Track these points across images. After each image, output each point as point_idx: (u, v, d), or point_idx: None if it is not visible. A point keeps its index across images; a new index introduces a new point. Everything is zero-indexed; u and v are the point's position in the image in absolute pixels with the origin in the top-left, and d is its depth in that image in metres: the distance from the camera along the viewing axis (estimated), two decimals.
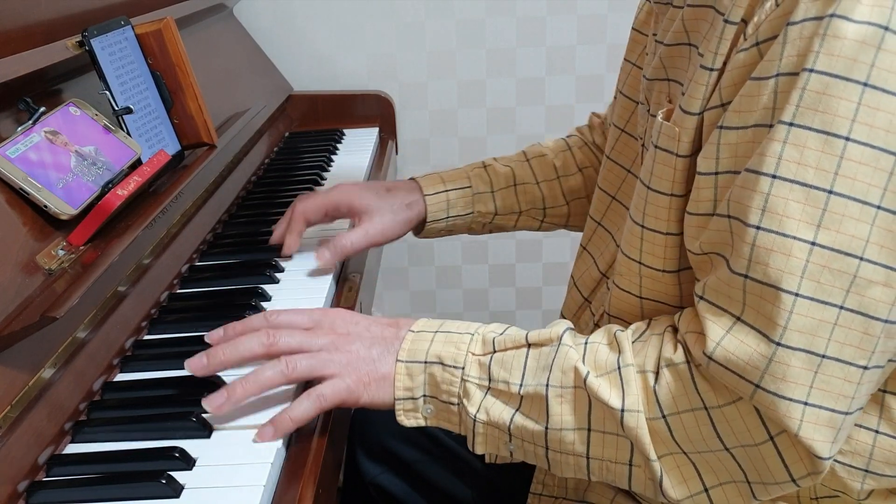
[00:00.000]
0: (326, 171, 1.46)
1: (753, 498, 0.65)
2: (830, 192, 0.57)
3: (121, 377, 0.81)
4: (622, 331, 0.70)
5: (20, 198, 0.77)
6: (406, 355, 0.73)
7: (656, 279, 0.73)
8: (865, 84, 0.56)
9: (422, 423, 0.73)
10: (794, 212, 0.58)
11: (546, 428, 0.68)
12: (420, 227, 1.05)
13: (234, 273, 1.01)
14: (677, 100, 0.71)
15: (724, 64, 0.64)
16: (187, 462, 0.67)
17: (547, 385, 0.68)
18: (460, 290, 2.03)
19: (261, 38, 1.75)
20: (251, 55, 1.65)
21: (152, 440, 0.70)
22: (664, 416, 0.64)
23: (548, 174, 1.07)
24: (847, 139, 0.57)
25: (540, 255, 2.00)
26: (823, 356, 0.59)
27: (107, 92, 0.95)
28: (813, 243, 0.58)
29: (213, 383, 0.76)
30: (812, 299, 0.58)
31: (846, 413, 0.60)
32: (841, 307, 0.58)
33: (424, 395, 0.72)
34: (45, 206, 0.78)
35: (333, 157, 1.54)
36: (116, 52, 0.98)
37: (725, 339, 0.61)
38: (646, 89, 0.79)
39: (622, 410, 0.65)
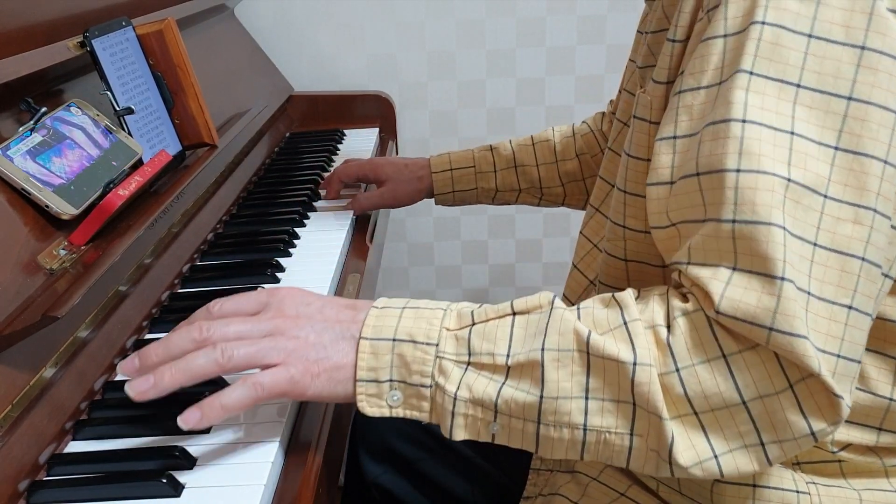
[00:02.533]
0: (327, 171, 1.46)
1: (767, 462, 0.61)
2: (792, 133, 0.60)
3: (122, 377, 0.81)
4: (621, 292, 0.67)
5: (22, 198, 0.77)
6: (371, 332, 0.65)
7: (639, 241, 0.77)
8: (810, 35, 0.61)
9: (385, 412, 0.65)
10: (767, 151, 0.60)
11: (541, 397, 0.62)
12: (430, 196, 1.24)
13: (234, 273, 1.01)
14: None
15: (688, 37, 0.69)
16: (188, 461, 0.67)
17: (542, 350, 0.63)
18: (460, 290, 2.03)
19: (261, 38, 1.76)
20: (252, 55, 1.65)
21: (152, 439, 0.70)
22: (678, 370, 0.60)
23: (547, 158, 1.20)
24: (798, 86, 0.61)
25: (540, 256, 2.00)
26: (809, 293, 0.59)
27: (108, 92, 0.95)
28: (788, 179, 0.60)
29: (213, 382, 0.77)
30: (792, 234, 0.59)
31: (838, 355, 0.59)
32: (814, 244, 0.59)
33: (391, 380, 0.65)
34: (47, 206, 0.78)
35: (334, 157, 1.54)
36: (118, 53, 0.98)
37: (728, 290, 0.59)
38: (639, 77, 0.82)
39: (634, 364, 0.60)
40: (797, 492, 0.73)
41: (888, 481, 0.75)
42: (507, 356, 0.64)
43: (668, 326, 0.62)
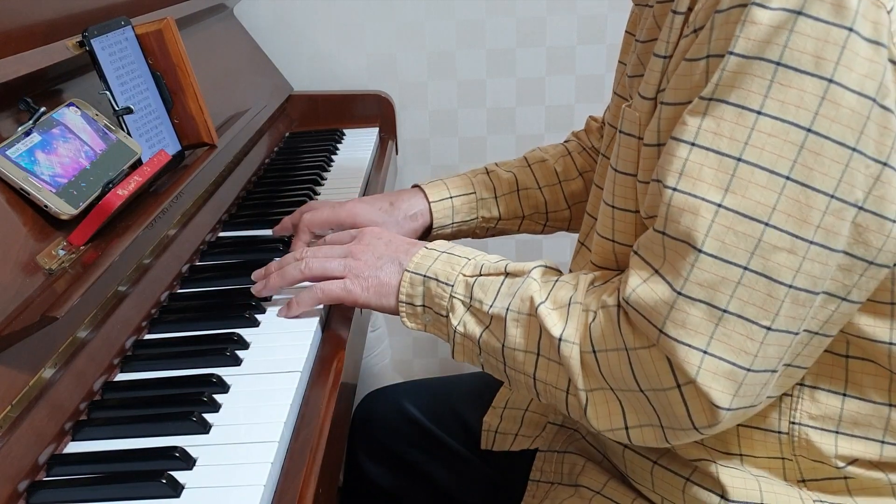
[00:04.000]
0: (326, 171, 1.46)
1: (666, 441, 0.69)
2: (739, 159, 0.62)
3: (121, 377, 0.81)
4: (587, 274, 0.77)
5: (21, 198, 0.77)
6: (413, 267, 0.83)
7: (628, 254, 0.76)
8: (778, 63, 0.61)
9: (422, 328, 0.83)
10: (706, 176, 0.63)
11: (503, 346, 0.76)
12: (425, 235, 1.07)
13: (234, 273, 1.01)
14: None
15: (674, 53, 0.70)
16: (187, 462, 0.67)
17: (507, 309, 0.76)
18: None
19: (261, 38, 1.75)
20: (251, 55, 1.65)
21: (153, 440, 0.70)
22: (594, 351, 0.70)
23: (550, 179, 1.10)
24: (759, 113, 0.62)
25: (540, 256, 2.00)
26: (725, 311, 0.63)
27: (107, 92, 0.95)
28: (719, 205, 0.63)
29: (213, 382, 0.77)
30: (715, 257, 0.63)
31: (748, 369, 0.64)
32: (745, 268, 0.63)
33: (423, 305, 0.82)
34: (46, 206, 0.78)
35: (333, 157, 1.54)
36: (117, 53, 0.98)
37: (640, 287, 0.67)
38: (628, 86, 0.82)
39: (560, 339, 0.71)
40: None
41: (895, 500, 0.74)
42: (491, 307, 0.77)
43: (596, 313, 0.71)
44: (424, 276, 0.82)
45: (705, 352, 0.64)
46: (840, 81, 0.60)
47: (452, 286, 0.80)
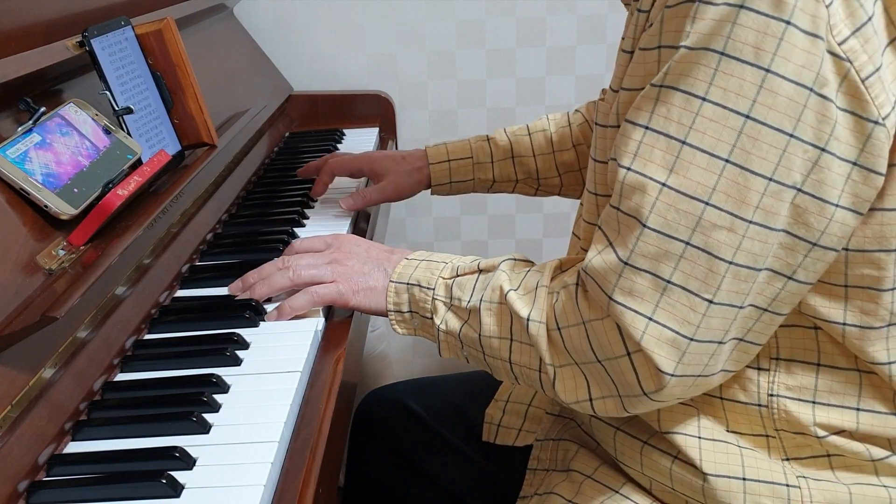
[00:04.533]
0: None
1: (625, 410, 0.74)
2: (684, 142, 0.67)
3: (121, 377, 0.81)
4: (554, 261, 0.83)
5: (20, 198, 0.77)
6: (396, 276, 0.89)
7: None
8: (722, 53, 0.65)
9: (412, 332, 0.89)
10: (656, 158, 0.68)
11: (479, 335, 0.81)
12: (429, 187, 1.24)
13: (234, 273, 1.01)
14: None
15: (635, 46, 0.74)
16: (187, 462, 0.67)
17: (481, 301, 0.82)
18: None
19: (261, 38, 1.75)
20: (251, 55, 1.65)
21: (152, 440, 0.70)
22: (559, 328, 0.75)
23: (544, 148, 1.21)
24: (703, 99, 0.66)
25: (540, 256, 2.00)
26: (669, 282, 0.68)
27: (107, 92, 0.95)
28: (663, 184, 0.67)
29: (212, 382, 0.77)
30: (658, 232, 0.68)
31: (690, 338, 0.68)
32: (687, 243, 0.67)
33: (410, 311, 0.88)
34: (46, 206, 0.78)
35: None
36: (117, 53, 0.98)
37: (595, 257, 0.72)
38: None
39: (527, 319, 0.77)
40: (787, 485, 0.75)
41: (877, 477, 0.76)
42: (468, 302, 0.83)
43: (558, 294, 0.77)
44: (408, 283, 0.88)
45: (650, 318, 0.68)
46: (777, 71, 0.64)
47: (433, 289, 0.86)
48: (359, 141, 1.66)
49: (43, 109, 0.84)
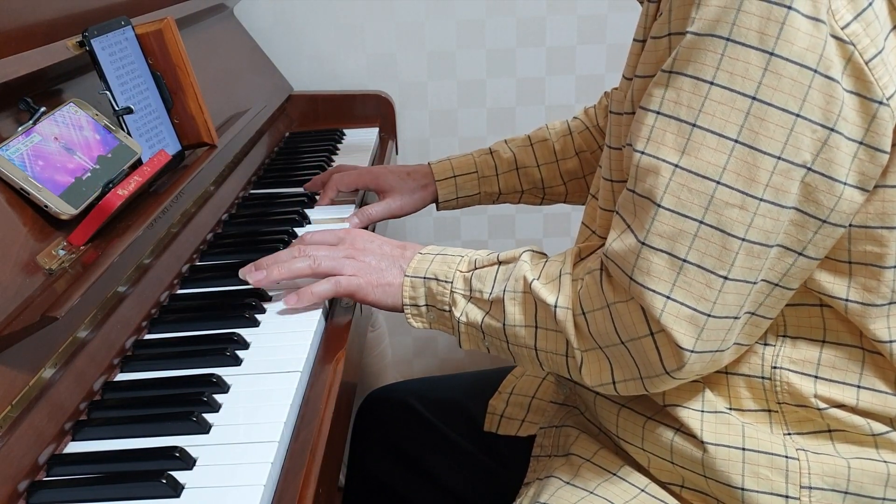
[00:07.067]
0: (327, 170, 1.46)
1: (645, 390, 0.77)
2: (694, 125, 0.70)
3: (121, 377, 0.81)
4: (573, 248, 0.85)
5: (21, 198, 0.77)
6: (412, 271, 0.90)
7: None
8: (728, 39, 0.68)
9: (427, 326, 0.90)
10: (668, 141, 0.71)
11: (503, 325, 0.83)
12: (435, 202, 1.25)
13: (234, 273, 1.01)
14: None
15: (647, 35, 0.77)
16: (187, 462, 0.67)
17: (504, 290, 0.83)
18: None
19: (261, 38, 1.75)
20: (251, 55, 1.65)
21: (152, 440, 0.70)
22: (584, 314, 0.78)
23: (548, 158, 1.22)
24: (711, 83, 0.69)
25: None
26: (685, 261, 0.70)
27: (107, 92, 0.95)
28: (676, 165, 0.70)
29: (213, 382, 0.77)
30: (672, 211, 0.70)
31: (708, 315, 0.71)
32: (701, 222, 0.70)
33: (426, 305, 0.89)
34: (46, 206, 0.78)
35: (334, 157, 1.54)
36: (117, 53, 0.98)
37: (615, 241, 0.75)
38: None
39: (555, 306, 0.79)
40: (786, 457, 0.77)
41: (877, 451, 0.77)
42: (490, 293, 0.84)
43: (583, 280, 0.79)
44: (424, 277, 0.88)
45: (668, 297, 0.71)
46: (781, 54, 0.67)
47: (451, 283, 0.87)
48: (359, 141, 1.66)
49: (43, 109, 0.84)
